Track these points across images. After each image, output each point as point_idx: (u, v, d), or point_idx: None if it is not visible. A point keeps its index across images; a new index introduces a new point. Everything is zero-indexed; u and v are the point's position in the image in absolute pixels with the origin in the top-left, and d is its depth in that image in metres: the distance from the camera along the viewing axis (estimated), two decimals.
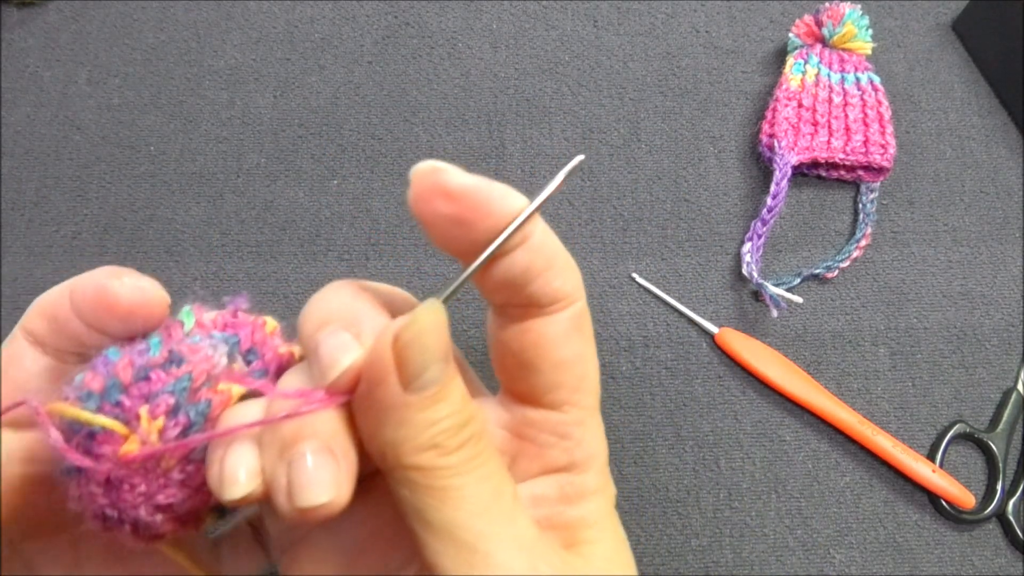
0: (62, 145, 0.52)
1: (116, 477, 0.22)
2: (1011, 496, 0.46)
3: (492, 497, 0.20)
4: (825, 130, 0.52)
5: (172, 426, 0.22)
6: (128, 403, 0.22)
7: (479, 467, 0.21)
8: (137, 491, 0.22)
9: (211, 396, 0.23)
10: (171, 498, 0.22)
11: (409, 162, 0.53)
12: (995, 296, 0.51)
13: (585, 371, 0.24)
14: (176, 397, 0.22)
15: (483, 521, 0.20)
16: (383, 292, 0.24)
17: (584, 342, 0.24)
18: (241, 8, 0.57)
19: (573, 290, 0.24)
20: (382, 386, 0.20)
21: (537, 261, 0.22)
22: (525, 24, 0.58)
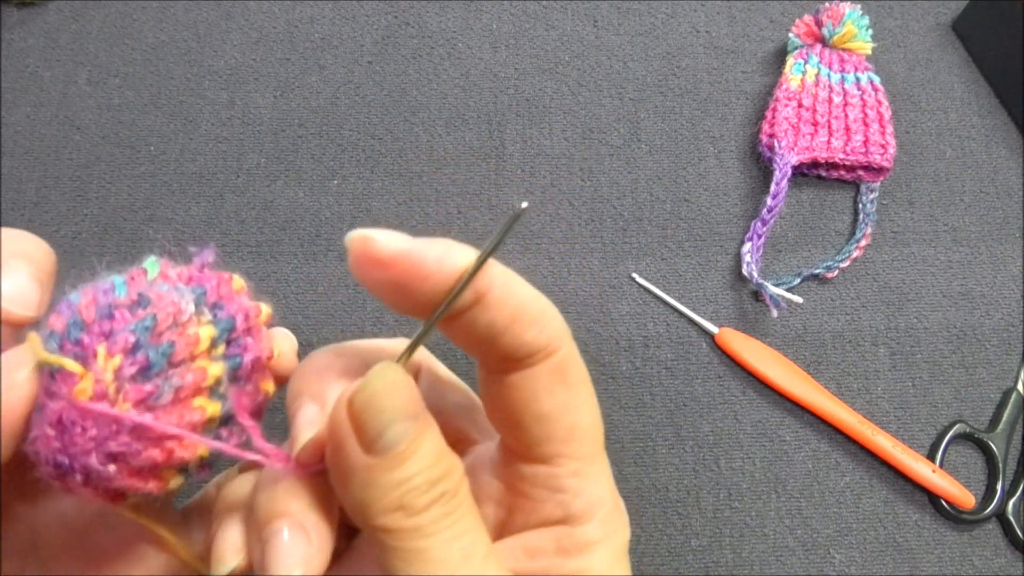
0: (62, 145, 0.52)
1: (68, 419, 0.21)
2: (1011, 496, 0.46)
3: (461, 559, 0.20)
4: (825, 130, 0.52)
5: (129, 364, 0.21)
6: (87, 340, 0.21)
7: (449, 527, 0.20)
8: (88, 435, 0.21)
9: (175, 339, 0.22)
10: (123, 446, 0.21)
11: (409, 162, 0.53)
12: (995, 296, 0.51)
13: (575, 420, 0.23)
14: (137, 336, 0.21)
15: None
16: (363, 352, 0.24)
17: (569, 391, 0.23)
18: (241, 8, 0.57)
19: (550, 340, 0.23)
20: (343, 451, 0.20)
21: (499, 317, 0.21)
22: (525, 24, 0.58)
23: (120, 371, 0.21)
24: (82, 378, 0.21)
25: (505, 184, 0.52)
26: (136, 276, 0.24)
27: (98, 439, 0.21)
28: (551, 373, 0.23)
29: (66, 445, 0.21)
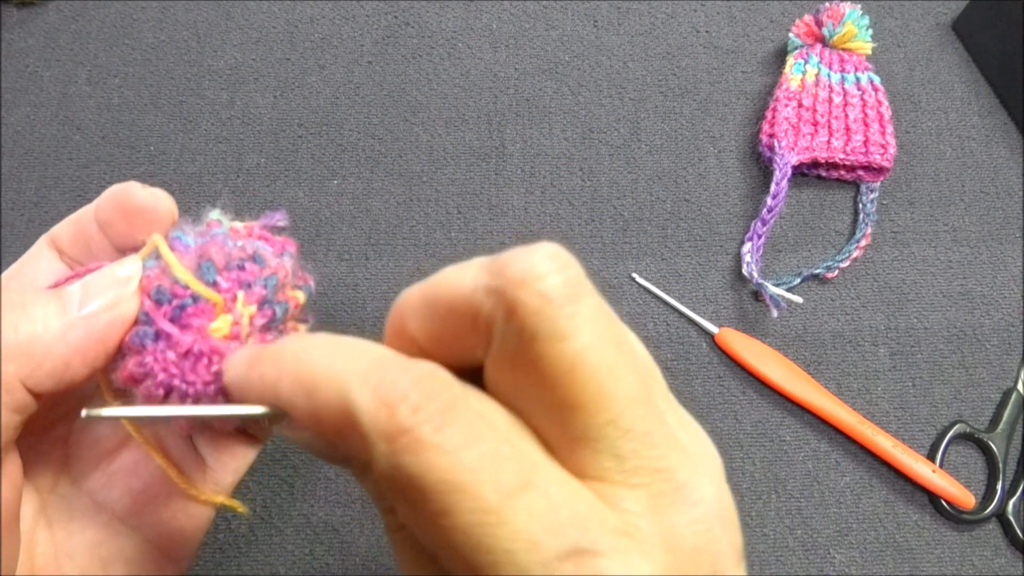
0: (62, 145, 0.52)
1: (198, 350, 0.22)
2: (1011, 496, 0.46)
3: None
4: (825, 130, 0.52)
5: (261, 316, 0.24)
6: (225, 285, 0.23)
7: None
8: (212, 369, 0.22)
9: (287, 300, 0.25)
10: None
11: (409, 162, 0.53)
12: (995, 296, 0.51)
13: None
14: (267, 291, 0.24)
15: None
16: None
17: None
18: (241, 8, 0.57)
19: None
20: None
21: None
22: (525, 24, 0.58)
23: (253, 319, 0.23)
24: (218, 316, 0.23)
25: (505, 184, 0.52)
26: (213, 224, 0.26)
27: (219, 375, 0.22)
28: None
29: (185, 373, 0.22)
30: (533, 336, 0.17)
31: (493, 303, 0.18)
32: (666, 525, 0.18)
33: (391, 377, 0.17)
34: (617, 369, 0.18)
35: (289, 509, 0.44)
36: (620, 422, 0.18)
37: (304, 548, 0.43)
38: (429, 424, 0.16)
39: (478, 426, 0.17)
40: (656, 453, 0.18)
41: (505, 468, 0.17)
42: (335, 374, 0.17)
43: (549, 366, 0.17)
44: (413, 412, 0.16)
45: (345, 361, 0.18)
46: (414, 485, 0.16)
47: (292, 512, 0.44)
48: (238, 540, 0.43)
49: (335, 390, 0.17)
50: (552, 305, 0.17)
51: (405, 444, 0.16)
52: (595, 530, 0.17)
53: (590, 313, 0.18)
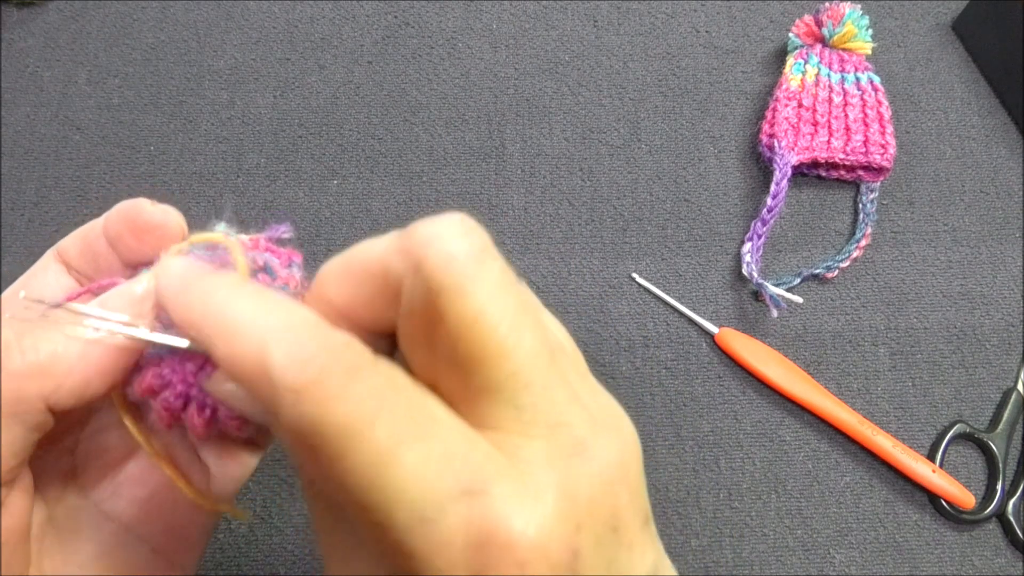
0: (62, 145, 0.52)
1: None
2: (1011, 496, 0.46)
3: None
4: (825, 130, 0.52)
5: None
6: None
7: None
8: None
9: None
10: None
11: (409, 162, 0.53)
12: (995, 296, 0.51)
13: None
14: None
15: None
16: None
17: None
18: (241, 8, 0.57)
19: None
20: None
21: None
22: (525, 24, 0.58)
23: None
24: None
25: (505, 184, 0.52)
26: (229, 243, 0.26)
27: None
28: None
29: (203, 384, 0.23)
30: (438, 290, 0.18)
31: (402, 262, 0.19)
32: (561, 475, 0.18)
33: (306, 339, 0.18)
34: (519, 326, 0.19)
35: (289, 509, 0.44)
36: (520, 375, 0.19)
37: (304, 548, 0.43)
38: (333, 380, 0.17)
39: (381, 385, 0.18)
40: (556, 409, 0.19)
41: (400, 417, 0.18)
42: (256, 327, 0.18)
43: (453, 319, 0.18)
44: (320, 369, 0.17)
45: (267, 316, 0.19)
46: (315, 431, 0.17)
47: (292, 512, 0.44)
48: (238, 540, 0.43)
49: (253, 341, 0.18)
50: (456, 262, 0.19)
51: (309, 395, 0.17)
52: (489, 473, 0.18)
53: (494, 274, 0.19)
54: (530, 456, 0.18)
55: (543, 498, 0.18)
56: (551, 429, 0.19)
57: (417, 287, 0.19)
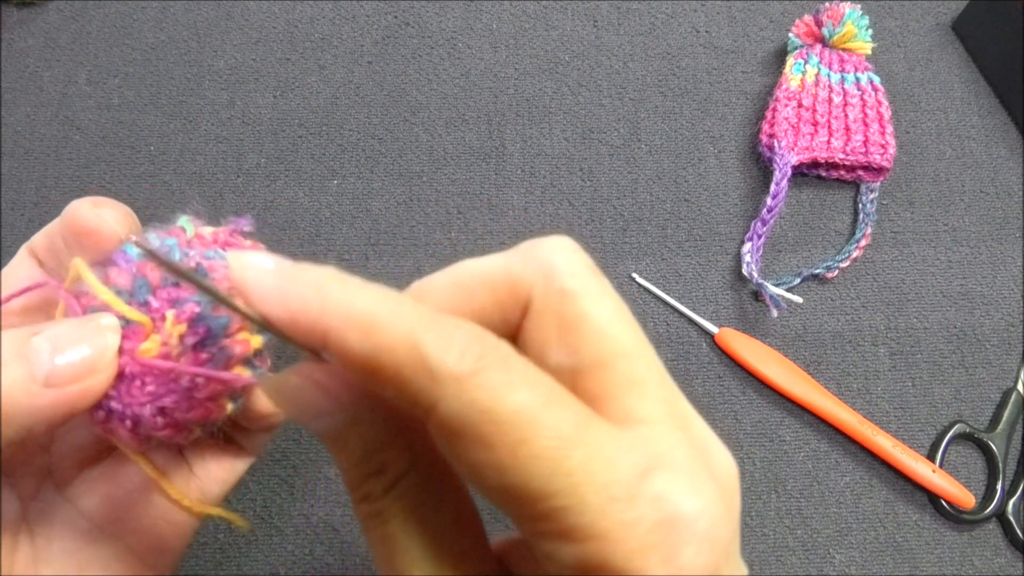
0: (62, 145, 0.52)
1: (130, 372, 0.23)
2: (1011, 496, 0.46)
3: (386, 561, 0.20)
4: (825, 130, 0.52)
5: (191, 334, 0.23)
6: (156, 304, 0.23)
7: (373, 528, 0.20)
8: (146, 389, 0.23)
9: (230, 314, 0.24)
10: (175, 404, 0.23)
11: (409, 162, 0.53)
12: (995, 296, 0.51)
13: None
14: (201, 307, 0.24)
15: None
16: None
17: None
18: (241, 8, 0.57)
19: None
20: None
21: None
22: (525, 24, 0.58)
23: (184, 339, 0.23)
24: (148, 337, 0.23)
25: (505, 184, 0.52)
26: (177, 235, 0.26)
27: (154, 395, 0.23)
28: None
29: (121, 394, 0.23)
30: (575, 294, 0.20)
31: (532, 271, 0.20)
32: (707, 465, 0.19)
33: (451, 327, 0.18)
34: (639, 331, 0.20)
35: (289, 509, 0.44)
36: (656, 370, 0.20)
37: (304, 548, 0.43)
38: (495, 368, 0.17)
39: (534, 374, 0.18)
40: (684, 405, 0.20)
41: (568, 405, 0.18)
42: (400, 317, 0.18)
43: (593, 318, 0.20)
44: (478, 358, 0.17)
45: (406, 307, 0.18)
46: (490, 418, 0.17)
47: (292, 512, 0.44)
48: (238, 540, 0.43)
49: (402, 332, 0.17)
50: (587, 271, 0.20)
51: (477, 382, 0.17)
52: (656, 457, 0.18)
53: (610, 286, 0.21)
54: (677, 444, 0.19)
55: (706, 483, 0.18)
56: (685, 421, 0.20)
57: (551, 292, 0.20)
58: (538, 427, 0.17)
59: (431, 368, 0.17)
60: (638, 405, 0.19)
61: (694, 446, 0.19)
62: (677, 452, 0.19)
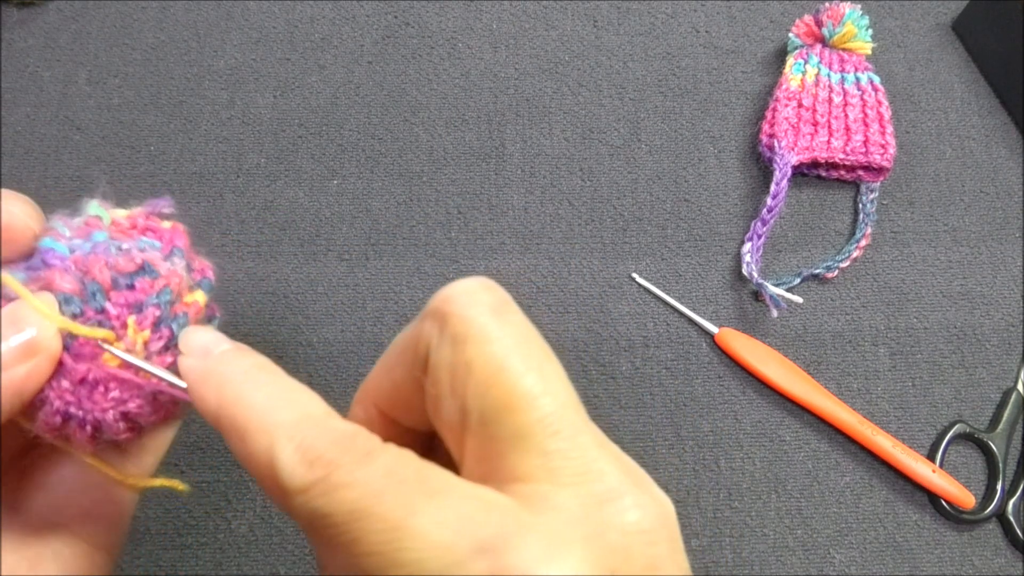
0: (62, 145, 0.52)
1: (93, 378, 0.22)
2: (1011, 496, 0.46)
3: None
4: (825, 130, 0.52)
5: (156, 339, 0.23)
6: (114, 311, 0.23)
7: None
8: (110, 395, 0.22)
9: (185, 309, 0.24)
10: (139, 408, 0.23)
11: (409, 162, 0.53)
12: (995, 296, 0.51)
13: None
14: (162, 310, 0.23)
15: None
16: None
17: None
18: (241, 8, 0.57)
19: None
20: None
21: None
22: (525, 24, 0.58)
23: (148, 344, 0.23)
24: (111, 344, 0.22)
25: (505, 184, 0.52)
26: (94, 225, 0.24)
27: (119, 400, 0.22)
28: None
29: (83, 401, 0.22)
30: (464, 339, 0.19)
31: (430, 325, 0.20)
32: (593, 522, 0.18)
33: (313, 435, 0.18)
34: (547, 375, 0.19)
35: None
36: (548, 421, 0.18)
37: (304, 548, 0.43)
38: (341, 471, 0.18)
39: (390, 464, 0.18)
40: (587, 455, 0.19)
41: (410, 490, 0.17)
42: (265, 426, 0.19)
43: (480, 368, 0.18)
44: (327, 465, 0.18)
45: (276, 412, 0.19)
46: (327, 523, 0.17)
47: None
48: (238, 540, 0.43)
49: (263, 443, 0.19)
50: (482, 313, 0.19)
51: (316, 491, 0.18)
52: (509, 529, 0.17)
53: (517, 323, 0.19)
54: (559, 503, 0.18)
55: (570, 548, 0.17)
56: (581, 476, 0.18)
57: (444, 344, 0.19)
58: (368, 521, 0.17)
59: (281, 482, 0.18)
60: (517, 462, 0.18)
61: (583, 497, 0.18)
62: (545, 513, 0.17)
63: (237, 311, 0.48)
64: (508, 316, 0.19)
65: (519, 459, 0.18)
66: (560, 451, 0.18)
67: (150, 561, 0.43)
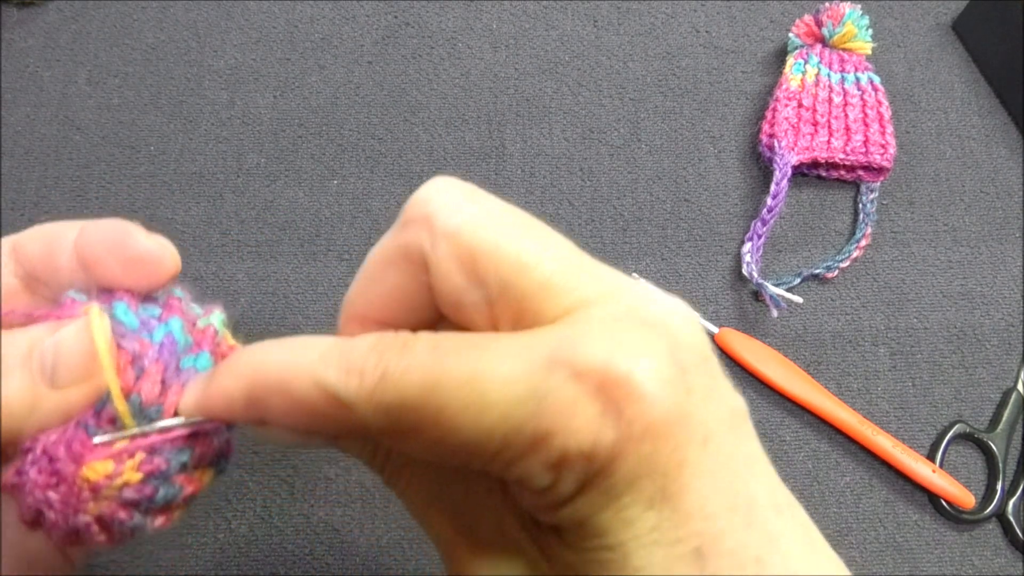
0: (62, 145, 0.52)
1: (79, 480, 0.21)
2: (1011, 496, 0.46)
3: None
4: (825, 130, 0.52)
5: (137, 489, 0.22)
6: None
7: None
8: (85, 500, 0.21)
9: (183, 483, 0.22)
10: (118, 516, 0.22)
11: (409, 162, 0.53)
12: (995, 296, 0.51)
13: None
14: (168, 467, 0.22)
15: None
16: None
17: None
18: (241, 8, 0.57)
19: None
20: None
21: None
22: (525, 24, 0.58)
23: (124, 488, 0.21)
24: (101, 462, 0.21)
25: (505, 184, 0.52)
26: (200, 341, 0.23)
27: (96, 508, 0.21)
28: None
29: (66, 498, 0.21)
30: (457, 232, 0.20)
31: (415, 229, 0.20)
32: (639, 318, 0.19)
33: (347, 354, 0.19)
34: (538, 232, 0.21)
35: (289, 509, 0.44)
36: (563, 265, 0.20)
37: (304, 548, 0.43)
38: (393, 364, 0.18)
39: (432, 343, 0.19)
40: (609, 279, 0.21)
41: (463, 348, 0.18)
42: (301, 367, 0.19)
43: (481, 246, 0.19)
44: (376, 366, 0.18)
45: (303, 354, 0.20)
46: (405, 410, 0.18)
47: (292, 512, 0.44)
48: (238, 540, 0.43)
49: (306, 382, 0.19)
50: (461, 204, 0.20)
51: (381, 389, 0.18)
52: (567, 339, 0.18)
53: (494, 202, 0.21)
54: (602, 315, 0.19)
55: (632, 334, 0.19)
56: (610, 295, 0.20)
57: (439, 242, 0.20)
58: (445, 387, 0.18)
59: (343, 400, 0.19)
60: (551, 307, 0.19)
61: (611, 311, 0.19)
62: (592, 322, 0.19)
63: (237, 311, 0.48)
64: (483, 200, 0.20)
65: (551, 304, 0.19)
66: (582, 284, 0.20)
67: (150, 561, 0.43)
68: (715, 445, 0.19)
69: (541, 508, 0.20)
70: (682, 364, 0.19)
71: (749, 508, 0.20)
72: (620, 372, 0.18)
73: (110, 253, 0.25)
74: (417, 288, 0.21)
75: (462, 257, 0.20)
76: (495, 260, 0.19)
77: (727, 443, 0.19)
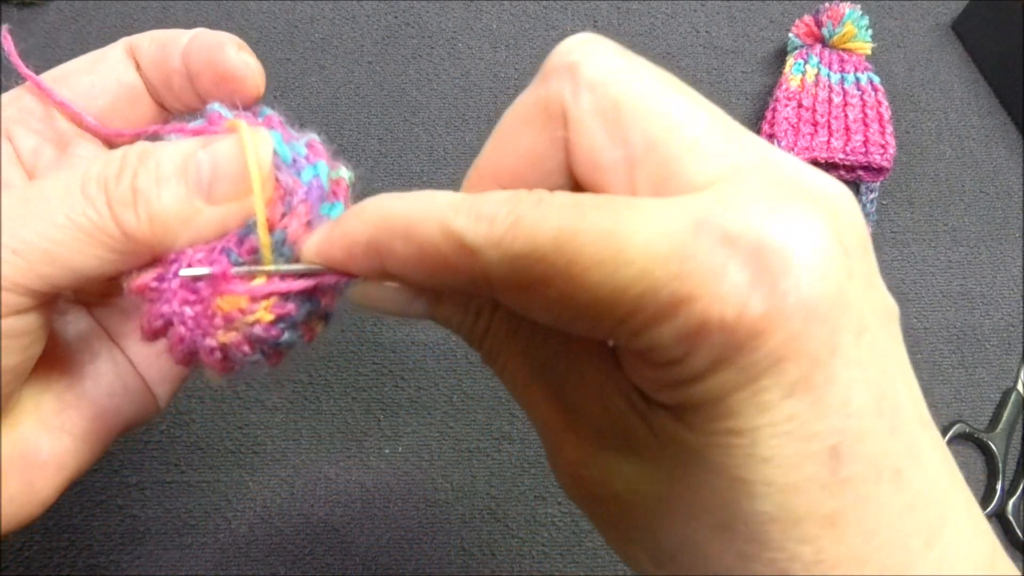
0: None
1: (210, 308, 0.21)
2: (1011, 496, 0.46)
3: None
4: (825, 130, 0.52)
5: (267, 328, 0.22)
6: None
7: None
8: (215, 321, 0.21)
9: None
10: (242, 348, 0.22)
11: (409, 162, 0.53)
12: (995, 296, 0.51)
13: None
14: (296, 312, 0.23)
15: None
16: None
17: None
18: (241, 8, 0.57)
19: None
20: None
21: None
22: (525, 24, 0.58)
23: (254, 325, 0.22)
24: (236, 296, 0.21)
25: None
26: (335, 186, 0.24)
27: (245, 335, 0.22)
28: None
29: (200, 318, 0.21)
30: (604, 83, 0.18)
31: (557, 81, 0.19)
32: (793, 187, 0.18)
33: (478, 204, 0.18)
34: (689, 92, 0.19)
35: (289, 509, 0.44)
36: (710, 124, 0.18)
37: (304, 548, 0.43)
38: (526, 214, 0.17)
39: (571, 197, 0.18)
40: (759, 148, 0.19)
41: (604, 204, 0.17)
42: (428, 212, 0.18)
43: (629, 102, 0.18)
44: (507, 215, 0.17)
45: (431, 201, 0.19)
46: (534, 259, 0.17)
47: (292, 512, 0.44)
48: (238, 540, 0.43)
49: (434, 225, 0.18)
50: (610, 54, 0.19)
51: (512, 236, 0.17)
52: (718, 203, 0.17)
53: (640, 59, 0.19)
54: (756, 183, 0.18)
55: (787, 199, 0.17)
56: (760, 165, 0.18)
57: (582, 93, 0.19)
58: (581, 237, 0.17)
59: (469, 245, 0.18)
60: (698, 172, 0.18)
61: (768, 180, 0.17)
62: (744, 189, 0.17)
63: None
64: (631, 55, 0.19)
65: (699, 168, 0.18)
66: (733, 150, 0.18)
67: (150, 561, 0.43)
68: (870, 338, 0.17)
69: (666, 385, 0.18)
70: (845, 244, 0.17)
71: (895, 414, 0.17)
72: (778, 240, 0.16)
73: (205, 68, 0.24)
74: (552, 149, 0.20)
75: (607, 111, 0.18)
76: (643, 115, 0.18)
77: (880, 339, 0.18)
